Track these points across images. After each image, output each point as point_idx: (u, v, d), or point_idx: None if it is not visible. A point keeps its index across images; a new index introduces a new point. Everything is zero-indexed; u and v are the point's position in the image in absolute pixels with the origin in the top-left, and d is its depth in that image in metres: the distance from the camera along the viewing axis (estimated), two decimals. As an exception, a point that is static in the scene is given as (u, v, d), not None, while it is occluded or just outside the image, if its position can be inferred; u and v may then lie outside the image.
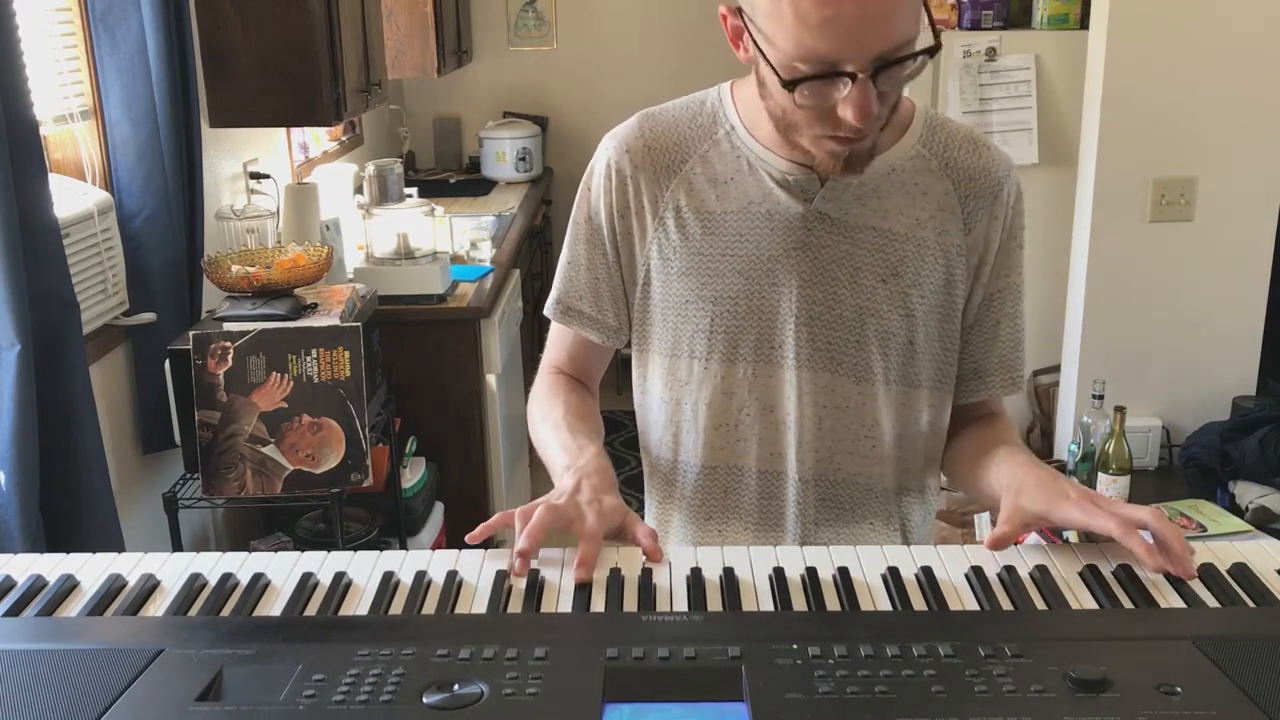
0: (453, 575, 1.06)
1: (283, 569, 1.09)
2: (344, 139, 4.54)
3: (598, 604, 1.02)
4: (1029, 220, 1.38)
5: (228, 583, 1.06)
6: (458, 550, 1.11)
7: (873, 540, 1.37)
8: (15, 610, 1.02)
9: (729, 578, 1.06)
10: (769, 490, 1.36)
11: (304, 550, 1.13)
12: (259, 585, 1.06)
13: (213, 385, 2.40)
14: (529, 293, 4.37)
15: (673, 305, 1.34)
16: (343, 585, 1.05)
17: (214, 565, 1.10)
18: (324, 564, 1.10)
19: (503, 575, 1.07)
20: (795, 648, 0.89)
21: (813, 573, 1.06)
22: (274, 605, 1.03)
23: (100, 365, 2.42)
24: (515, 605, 1.03)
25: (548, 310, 1.43)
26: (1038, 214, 3.20)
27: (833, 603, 1.02)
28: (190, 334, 2.45)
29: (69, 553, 1.13)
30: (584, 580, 1.05)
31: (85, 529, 2.10)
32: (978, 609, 1.01)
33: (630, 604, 1.02)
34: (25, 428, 1.92)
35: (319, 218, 3.32)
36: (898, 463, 1.36)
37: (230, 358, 2.40)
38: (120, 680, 0.85)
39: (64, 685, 0.85)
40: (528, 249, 4.60)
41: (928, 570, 1.07)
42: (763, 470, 1.35)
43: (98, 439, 2.15)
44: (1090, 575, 1.06)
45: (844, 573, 1.06)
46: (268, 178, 3.38)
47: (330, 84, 3.04)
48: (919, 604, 1.02)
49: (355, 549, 1.19)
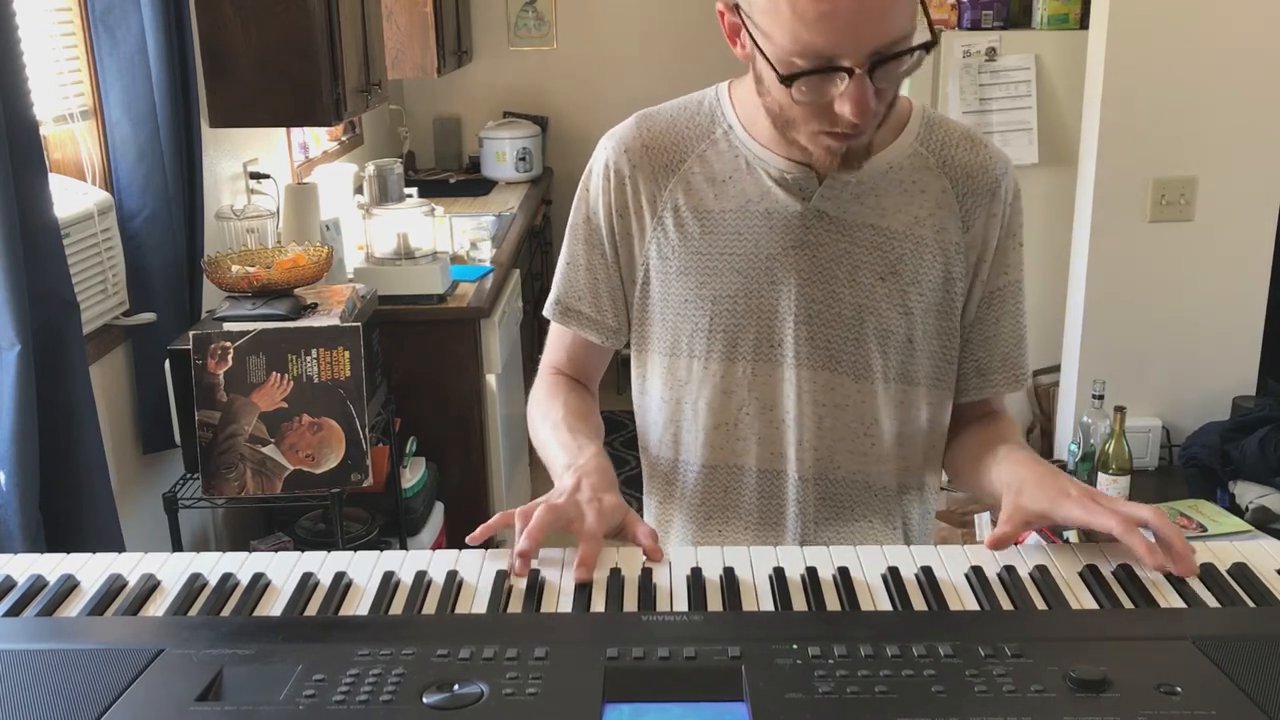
0: (453, 575, 1.06)
1: (283, 569, 1.09)
2: (344, 139, 4.54)
3: (598, 604, 1.02)
4: (1029, 220, 1.38)
5: (228, 583, 1.06)
6: (458, 550, 1.11)
7: (873, 538, 1.37)
8: (15, 610, 1.02)
9: (729, 578, 1.06)
10: (769, 489, 1.36)
11: (304, 550, 1.13)
12: (259, 585, 1.06)
13: (213, 385, 2.40)
14: (529, 293, 4.37)
15: (672, 304, 1.34)
16: (343, 585, 1.05)
17: (214, 565, 1.10)
18: (324, 564, 1.10)
19: (503, 575, 1.07)
20: (795, 648, 0.88)
21: (813, 573, 1.06)
22: (274, 605, 1.03)
23: (100, 365, 2.42)
24: (515, 605, 1.03)
25: (547, 311, 1.43)
26: (1038, 214, 3.21)
27: (833, 603, 1.02)
28: (190, 334, 2.45)
29: (69, 553, 1.13)
30: (584, 580, 1.05)
31: (85, 529, 2.10)
32: (978, 609, 1.01)
33: (630, 604, 1.02)
34: (25, 428, 1.92)
35: (319, 218, 3.32)
36: (898, 461, 1.37)
37: (230, 358, 2.40)
38: (120, 680, 0.85)
39: (64, 685, 0.85)
40: (528, 249, 4.60)
41: (928, 570, 1.07)
42: (763, 469, 1.35)
43: (98, 439, 2.15)
44: (1090, 575, 1.06)
45: (844, 573, 1.06)
46: (268, 178, 3.38)
47: (330, 84, 3.04)
48: (919, 604, 1.02)
49: (355, 549, 1.19)
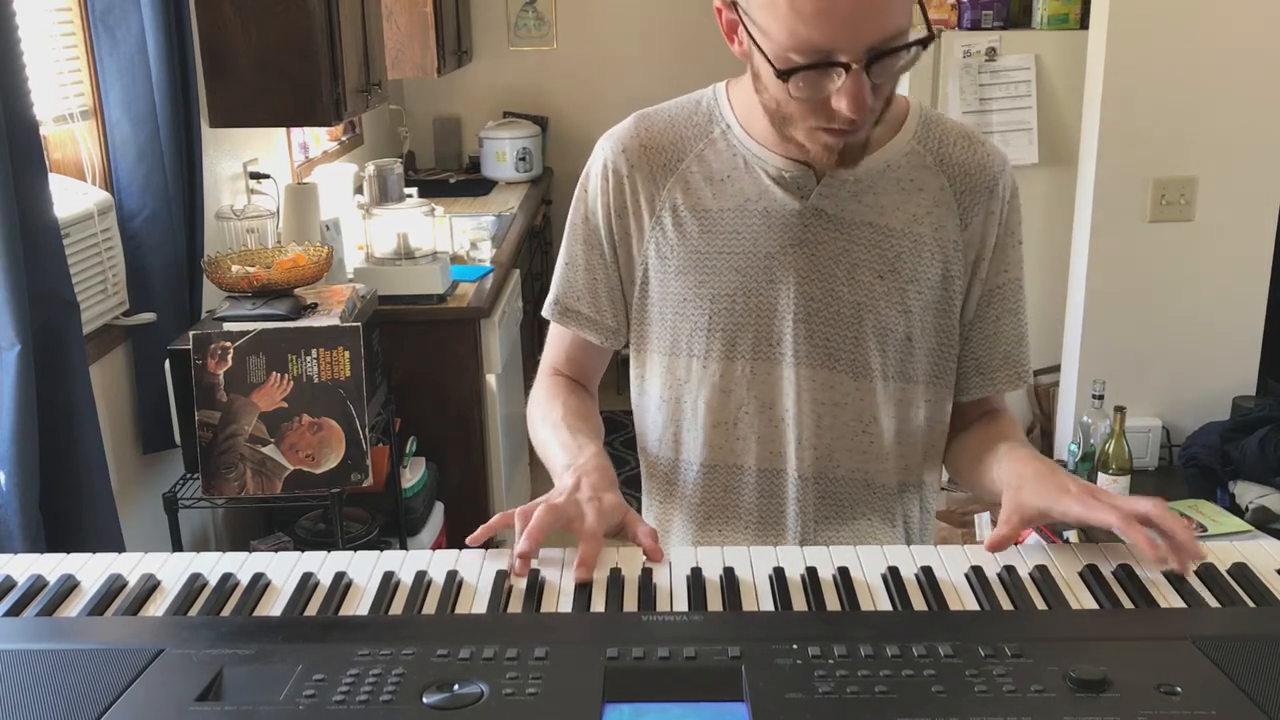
0: (453, 575, 1.06)
1: (283, 569, 1.09)
2: (344, 139, 4.53)
3: (598, 604, 1.02)
4: (1028, 220, 1.38)
5: (228, 583, 1.06)
6: (458, 550, 1.11)
7: (873, 537, 1.37)
8: (15, 610, 1.02)
9: (729, 578, 1.06)
10: (769, 488, 1.36)
11: (304, 550, 1.13)
12: (259, 585, 1.06)
13: (213, 385, 2.40)
14: (529, 293, 4.37)
15: (670, 304, 1.34)
16: (343, 585, 1.05)
17: (214, 565, 1.10)
18: (324, 564, 1.10)
19: (503, 575, 1.07)
20: (795, 648, 0.88)
21: (813, 573, 1.06)
22: (274, 605, 1.03)
23: (100, 365, 2.42)
24: (515, 605, 1.03)
25: (546, 311, 1.43)
26: (1038, 214, 3.22)
27: (833, 603, 1.02)
28: (190, 334, 2.45)
29: (69, 553, 1.13)
30: (584, 580, 1.05)
31: (85, 529, 2.10)
32: (978, 609, 1.01)
33: (630, 604, 1.02)
34: (25, 428, 1.92)
35: (319, 218, 3.32)
36: (897, 459, 1.37)
37: (230, 358, 2.40)
38: (120, 680, 0.85)
39: (64, 685, 0.85)
40: (528, 249, 4.60)
41: (928, 570, 1.07)
42: (762, 468, 1.35)
43: (98, 439, 2.15)
44: (1090, 575, 1.06)
45: (844, 573, 1.06)
46: (268, 178, 3.38)
47: (330, 84, 3.04)
48: (919, 604, 1.02)
49: (355, 549, 1.19)
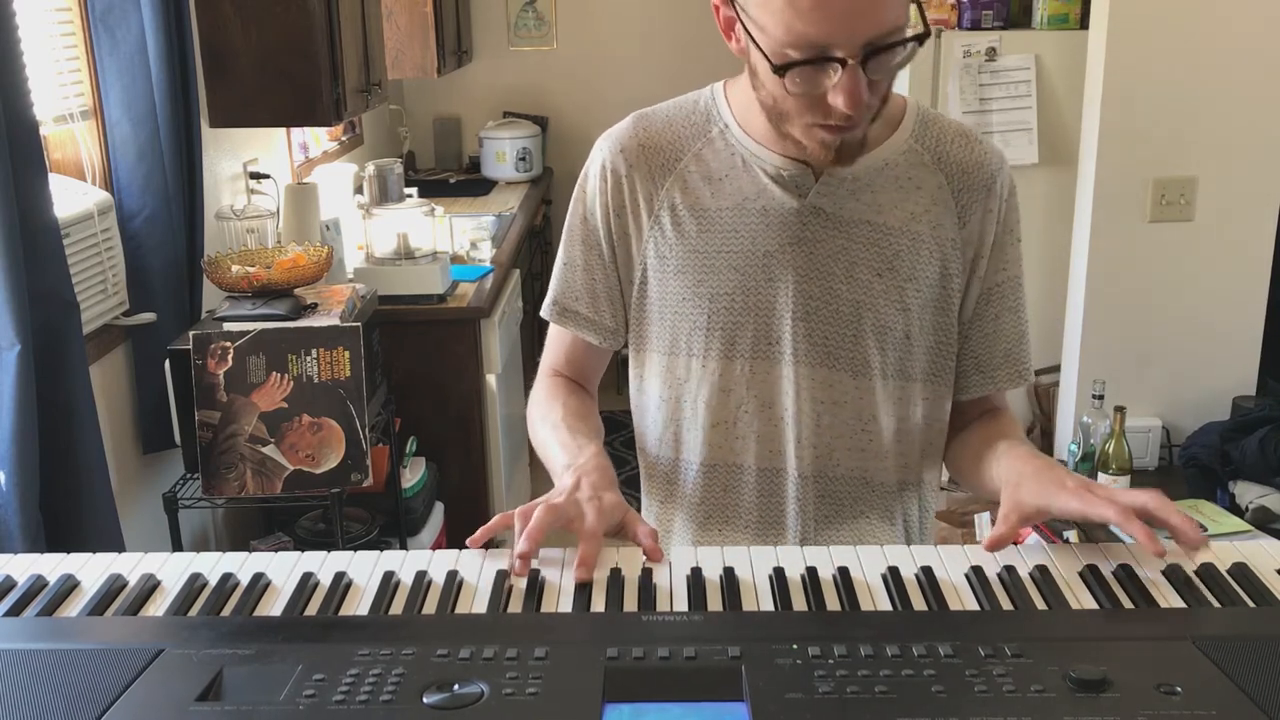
0: (453, 575, 1.06)
1: (283, 569, 1.09)
2: (344, 139, 4.53)
3: (598, 604, 1.02)
4: (1028, 220, 1.38)
5: (228, 583, 1.06)
6: (458, 550, 1.11)
7: (873, 536, 1.37)
8: (15, 610, 1.02)
9: (729, 578, 1.06)
10: (769, 487, 1.36)
11: (304, 550, 1.13)
12: (259, 585, 1.06)
13: (213, 385, 2.40)
14: (529, 293, 4.37)
15: (669, 303, 1.34)
16: (343, 585, 1.05)
17: (214, 565, 1.10)
18: (324, 564, 1.10)
19: (503, 575, 1.07)
20: (795, 648, 0.88)
21: (813, 573, 1.06)
22: (274, 605, 1.03)
23: (100, 365, 2.42)
24: (515, 605, 1.03)
25: (544, 312, 1.43)
26: (1037, 214, 3.22)
27: (833, 603, 1.02)
28: (190, 334, 2.45)
29: (69, 553, 1.13)
30: (584, 580, 1.05)
31: (85, 529, 2.10)
32: (978, 609, 1.01)
33: (630, 604, 1.02)
34: (25, 428, 1.92)
35: (319, 218, 3.32)
36: (896, 457, 1.37)
37: (230, 358, 2.40)
38: (120, 680, 0.85)
39: (64, 685, 0.85)
40: (528, 249, 4.60)
41: (928, 570, 1.07)
42: (762, 467, 1.36)
43: (98, 439, 2.15)
44: (1090, 575, 1.06)
45: (844, 573, 1.06)
46: (268, 178, 3.38)
47: (330, 84, 3.04)
48: (919, 604, 1.02)
49: (355, 549, 1.19)
